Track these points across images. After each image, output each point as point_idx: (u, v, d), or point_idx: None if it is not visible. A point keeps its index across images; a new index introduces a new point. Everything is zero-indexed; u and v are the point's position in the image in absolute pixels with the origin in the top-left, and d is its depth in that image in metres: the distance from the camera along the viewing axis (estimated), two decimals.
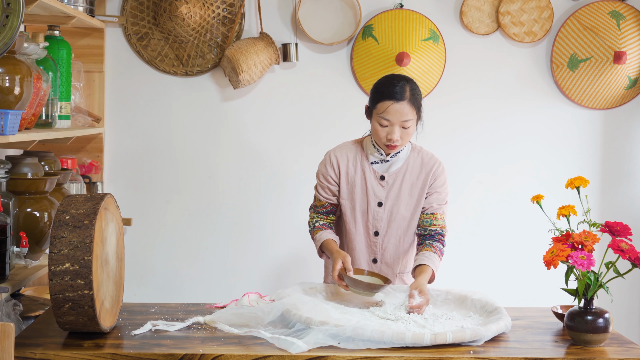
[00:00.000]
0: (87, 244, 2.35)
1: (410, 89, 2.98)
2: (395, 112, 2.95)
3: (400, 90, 2.96)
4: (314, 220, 3.17)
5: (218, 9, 4.08)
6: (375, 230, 3.11)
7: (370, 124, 3.05)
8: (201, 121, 4.21)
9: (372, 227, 3.11)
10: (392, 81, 2.99)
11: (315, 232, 3.12)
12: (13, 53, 2.61)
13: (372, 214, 3.10)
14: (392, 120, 2.96)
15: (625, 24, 4.12)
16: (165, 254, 4.25)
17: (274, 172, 4.25)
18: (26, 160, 2.91)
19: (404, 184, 3.08)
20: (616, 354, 2.45)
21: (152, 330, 2.58)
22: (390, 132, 2.97)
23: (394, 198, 3.09)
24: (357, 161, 3.12)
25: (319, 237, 3.09)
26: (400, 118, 2.95)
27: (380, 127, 2.99)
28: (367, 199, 3.09)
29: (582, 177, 2.63)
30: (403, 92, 2.96)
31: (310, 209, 3.21)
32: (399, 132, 2.96)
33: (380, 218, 3.10)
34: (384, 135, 2.98)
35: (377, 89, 3.03)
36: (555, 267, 2.47)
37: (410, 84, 3.00)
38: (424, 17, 4.13)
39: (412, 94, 2.97)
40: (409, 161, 3.10)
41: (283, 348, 2.41)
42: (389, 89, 2.97)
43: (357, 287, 2.81)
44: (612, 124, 4.26)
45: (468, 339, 2.46)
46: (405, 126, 2.97)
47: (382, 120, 2.97)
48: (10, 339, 2.21)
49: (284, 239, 4.26)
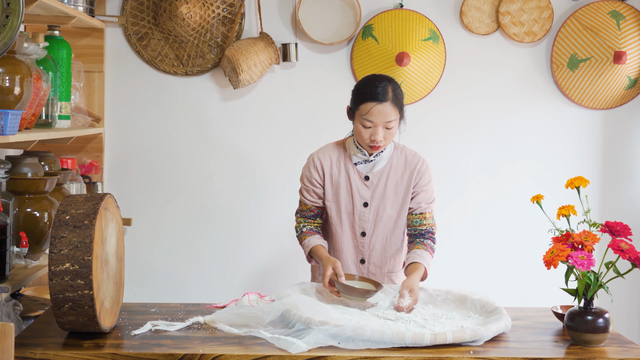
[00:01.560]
0: (87, 244, 2.35)
1: (393, 89, 2.98)
2: (379, 113, 2.95)
3: (382, 91, 2.95)
4: (301, 225, 3.16)
5: (218, 9, 4.08)
6: (362, 230, 3.11)
7: (353, 124, 3.05)
8: (201, 121, 4.21)
9: (359, 227, 3.11)
10: (374, 82, 2.99)
11: (303, 238, 3.11)
12: (13, 53, 2.61)
13: (358, 215, 3.10)
14: (376, 122, 2.95)
15: (625, 24, 4.12)
16: (165, 254, 4.25)
17: (274, 172, 4.25)
18: (26, 160, 2.91)
19: (389, 183, 3.08)
20: (616, 354, 2.45)
21: (152, 330, 2.58)
22: (373, 133, 2.97)
23: (379, 198, 3.09)
24: (341, 162, 3.11)
25: (308, 242, 3.08)
26: (384, 119, 2.95)
27: (363, 129, 2.98)
28: (352, 199, 3.09)
29: (582, 177, 2.63)
30: (385, 93, 2.95)
31: (296, 213, 3.20)
32: (382, 133, 2.96)
33: (366, 218, 3.10)
34: (367, 136, 2.98)
35: (359, 90, 3.02)
36: (555, 267, 2.47)
37: (392, 84, 2.99)
38: (424, 17, 4.13)
39: (394, 95, 2.97)
40: (392, 160, 3.10)
41: (283, 348, 2.41)
42: (372, 90, 2.96)
43: (349, 293, 2.81)
44: (612, 124, 4.26)
45: (468, 339, 2.46)
46: (389, 127, 2.97)
47: (366, 121, 2.97)
48: (10, 339, 2.21)
49: (284, 239, 4.26)
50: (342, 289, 2.82)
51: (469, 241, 4.27)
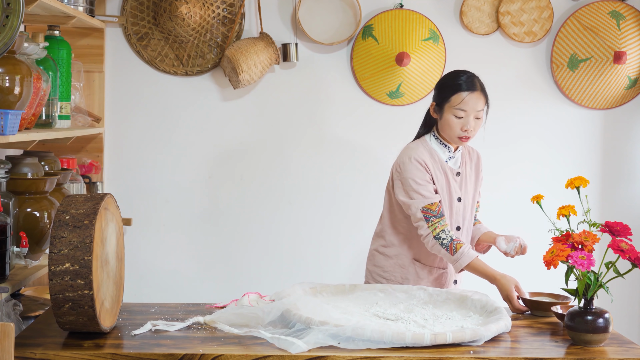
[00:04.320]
0: (87, 244, 2.35)
1: (478, 80, 3.14)
2: (471, 102, 3.08)
3: (471, 81, 3.11)
4: (447, 231, 3.03)
5: (218, 9, 4.08)
6: (458, 225, 3.21)
7: (441, 119, 3.13)
8: (201, 121, 4.21)
9: (455, 222, 3.20)
10: (460, 75, 3.13)
11: (458, 247, 3.01)
12: (13, 53, 2.61)
13: (455, 210, 3.19)
14: (469, 111, 3.07)
15: (625, 24, 4.12)
16: (165, 254, 4.25)
17: (274, 172, 4.25)
18: (26, 160, 2.90)
19: (468, 177, 3.22)
20: (616, 354, 2.45)
21: (152, 330, 2.58)
22: (465, 123, 3.08)
23: (465, 192, 3.21)
24: (436, 161, 3.16)
25: (468, 253, 3.00)
26: (476, 108, 3.08)
27: (455, 120, 3.08)
28: (450, 196, 3.17)
29: (582, 177, 2.63)
30: (474, 83, 3.11)
31: (426, 220, 3.04)
32: (473, 123, 3.08)
33: (460, 213, 3.20)
34: (459, 127, 3.08)
35: (447, 83, 3.14)
36: (555, 267, 2.47)
37: (475, 76, 3.15)
38: (424, 17, 4.13)
39: (481, 85, 3.13)
40: (462, 154, 3.23)
41: (283, 348, 2.41)
42: (462, 81, 3.10)
43: (540, 308, 2.87)
44: (612, 124, 4.26)
45: (468, 339, 2.46)
46: (478, 116, 3.10)
47: (459, 111, 3.07)
48: (10, 339, 2.21)
49: (284, 239, 4.26)
50: (533, 306, 2.88)
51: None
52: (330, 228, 4.27)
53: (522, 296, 2.94)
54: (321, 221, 4.26)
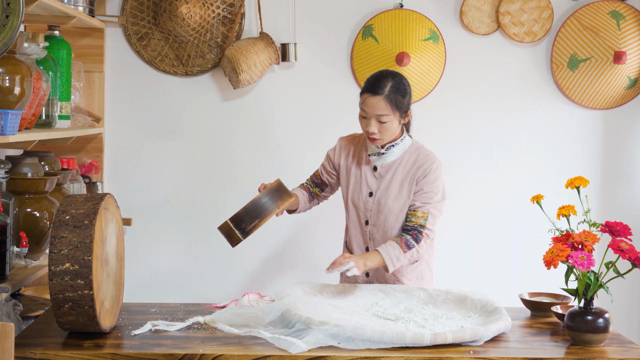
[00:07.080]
0: (87, 244, 2.35)
1: (392, 86, 3.03)
2: (370, 105, 3.04)
3: (379, 85, 3.03)
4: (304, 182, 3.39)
5: (218, 9, 4.08)
6: (366, 219, 3.18)
7: None
8: (201, 121, 4.21)
9: (363, 215, 3.19)
10: (378, 75, 3.09)
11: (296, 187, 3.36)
12: (13, 53, 2.61)
13: (363, 203, 3.18)
14: (368, 113, 3.05)
15: (625, 24, 4.12)
16: (165, 254, 4.25)
17: (273, 171, 4.24)
18: (26, 160, 2.91)
19: (395, 177, 3.14)
20: (616, 354, 2.45)
21: (152, 330, 2.58)
22: (367, 124, 3.07)
23: (383, 189, 3.14)
24: (357, 151, 3.22)
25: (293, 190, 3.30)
26: (375, 112, 3.03)
27: (361, 118, 3.10)
28: (360, 188, 3.18)
29: (582, 177, 2.63)
30: (381, 87, 3.03)
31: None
32: (375, 126, 3.04)
33: (370, 208, 3.17)
34: (364, 126, 3.09)
35: (365, 81, 3.13)
36: (555, 267, 2.47)
37: (394, 81, 3.05)
38: (424, 17, 4.13)
39: (391, 91, 3.02)
40: (404, 156, 3.16)
41: (283, 348, 2.41)
42: (370, 83, 3.07)
43: (540, 308, 2.91)
44: (612, 124, 4.26)
45: (468, 339, 2.46)
46: (382, 120, 3.04)
47: (361, 111, 3.09)
48: (10, 339, 2.21)
49: (284, 239, 4.26)
50: (531, 305, 2.93)
51: (469, 241, 4.27)
52: (330, 228, 4.27)
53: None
54: (321, 221, 4.26)
